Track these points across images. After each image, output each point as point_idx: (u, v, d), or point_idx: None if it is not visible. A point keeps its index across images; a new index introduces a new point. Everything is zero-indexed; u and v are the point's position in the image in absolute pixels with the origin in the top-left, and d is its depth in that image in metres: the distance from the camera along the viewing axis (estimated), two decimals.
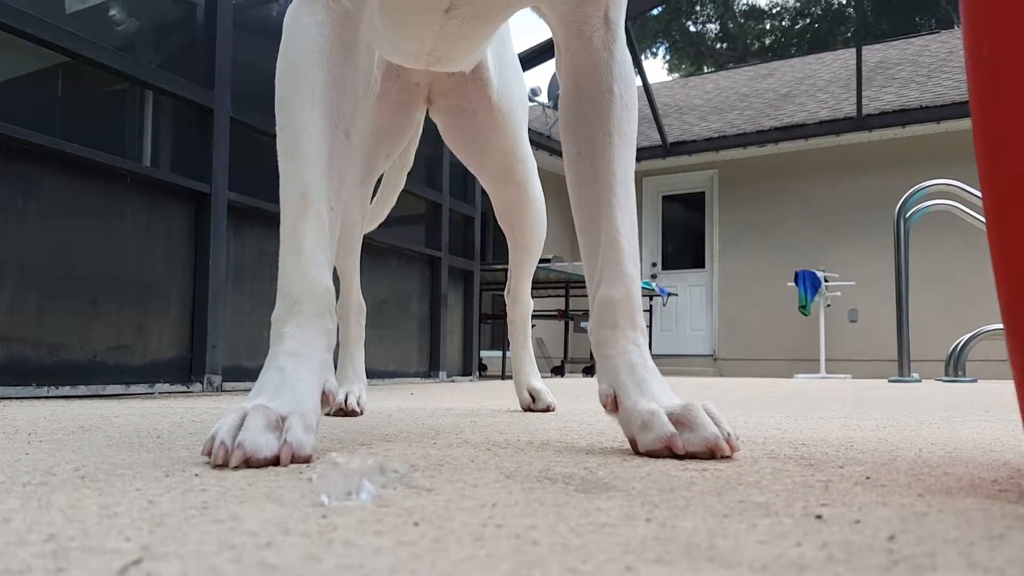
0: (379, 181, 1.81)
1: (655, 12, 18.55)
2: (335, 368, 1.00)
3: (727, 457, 0.87)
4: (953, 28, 11.63)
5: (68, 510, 0.55)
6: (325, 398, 0.88)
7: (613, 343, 0.98)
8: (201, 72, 2.84)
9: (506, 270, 1.88)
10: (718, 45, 20.10)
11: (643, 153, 9.26)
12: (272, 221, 1.00)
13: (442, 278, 4.40)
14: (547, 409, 1.76)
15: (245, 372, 2.90)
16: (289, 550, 0.43)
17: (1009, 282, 0.66)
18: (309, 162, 0.93)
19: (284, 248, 0.93)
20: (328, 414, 1.52)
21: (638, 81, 9.89)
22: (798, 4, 19.71)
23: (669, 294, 8.58)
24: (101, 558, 0.41)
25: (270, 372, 0.87)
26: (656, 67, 22.88)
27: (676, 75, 19.53)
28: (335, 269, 1.71)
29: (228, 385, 2.83)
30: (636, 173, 1.08)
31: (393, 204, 1.97)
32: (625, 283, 1.00)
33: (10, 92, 2.47)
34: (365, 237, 1.79)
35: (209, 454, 0.79)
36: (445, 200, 4.50)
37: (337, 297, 1.78)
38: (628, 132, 1.05)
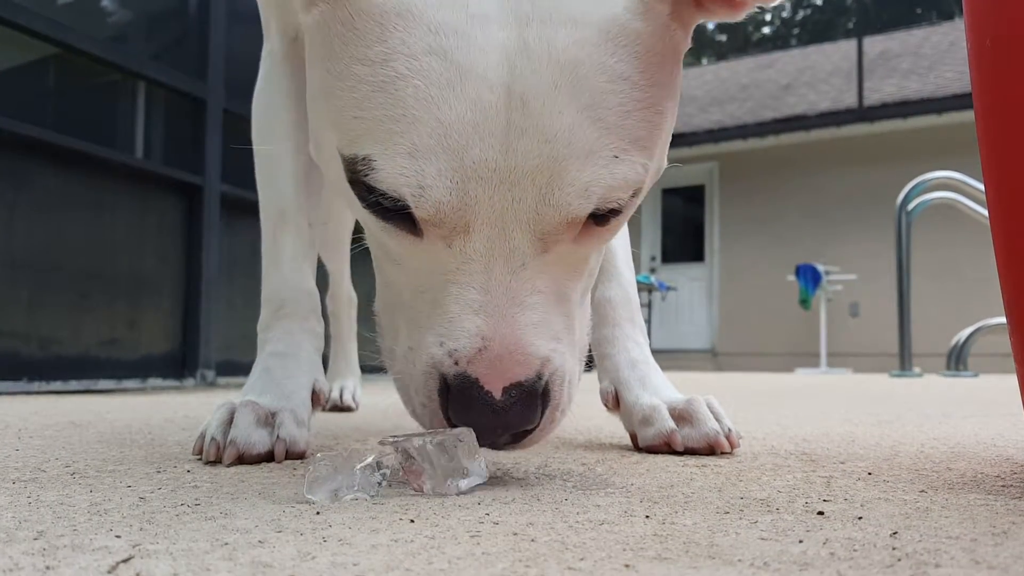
0: None
1: None
2: (327, 365, 1.01)
3: (727, 453, 0.87)
4: (954, 19, 11.60)
5: (58, 507, 0.54)
6: (316, 398, 0.88)
7: (613, 341, 0.98)
8: (194, 63, 2.82)
9: None
10: (718, 36, 20.05)
11: None
12: None
13: None
14: None
15: (238, 367, 2.89)
16: (282, 548, 0.43)
17: (1012, 275, 0.65)
18: (285, 184, 0.96)
19: (266, 260, 0.97)
20: (322, 410, 1.52)
21: None
22: None
23: (668, 288, 8.57)
24: (91, 556, 0.41)
25: (257, 373, 0.89)
26: None
27: None
28: (326, 265, 1.72)
29: (222, 380, 2.82)
30: None
31: None
32: (622, 284, 1.01)
33: (1, 84, 2.46)
34: (358, 230, 1.78)
35: (200, 453, 0.78)
36: None
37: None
38: None
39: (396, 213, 0.58)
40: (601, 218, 0.61)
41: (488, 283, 0.57)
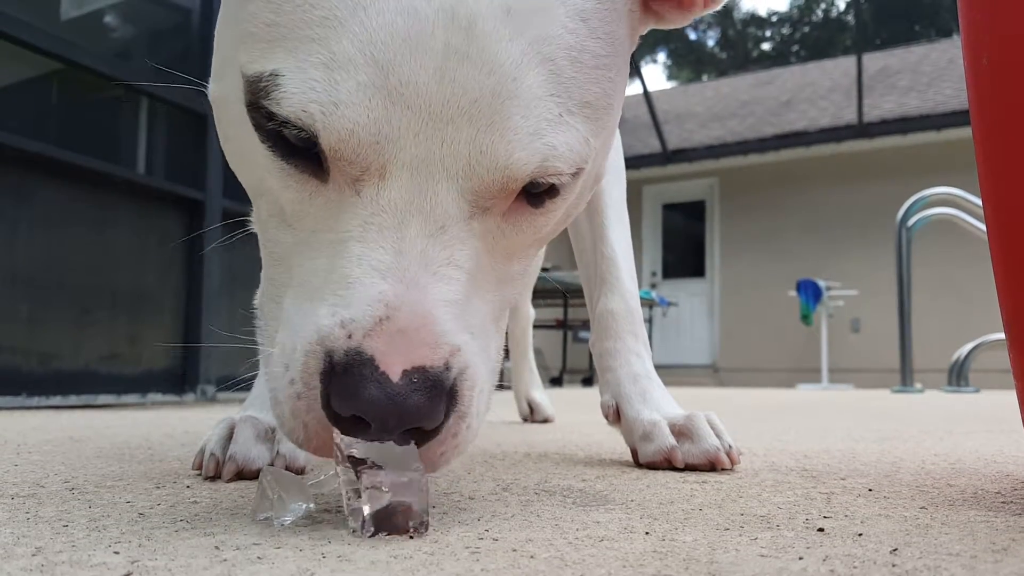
0: None
1: None
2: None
3: (728, 469, 0.86)
4: (952, 37, 11.66)
5: (56, 522, 0.54)
6: None
7: (615, 354, 0.97)
8: (196, 78, 2.84)
9: None
10: (718, 52, 20.17)
11: (643, 161, 9.26)
12: None
13: None
14: (545, 421, 1.75)
15: (239, 382, 2.88)
16: (282, 564, 0.43)
17: (1011, 291, 0.65)
18: None
19: None
20: None
21: (638, 88, 9.96)
22: (797, 12, 19.79)
23: (669, 304, 8.57)
24: (89, 572, 0.41)
25: (259, 387, 0.87)
26: (656, 74, 23.00)
27: (676, 82, 19.59)
28: None
29: (221, 396, 2.82)
30: (636, 181, 1.08)
31: None
32: (624, 296, 0.99)
33: (4, 99, 2.47)
34: None
35: (199, 469, 0.78)
36: None
37: None
38: (615, 159, 1.04)
39: (299, 150, 0.49)
40: (536, 198, 0.53)
41: (400, 243, 0.48)
